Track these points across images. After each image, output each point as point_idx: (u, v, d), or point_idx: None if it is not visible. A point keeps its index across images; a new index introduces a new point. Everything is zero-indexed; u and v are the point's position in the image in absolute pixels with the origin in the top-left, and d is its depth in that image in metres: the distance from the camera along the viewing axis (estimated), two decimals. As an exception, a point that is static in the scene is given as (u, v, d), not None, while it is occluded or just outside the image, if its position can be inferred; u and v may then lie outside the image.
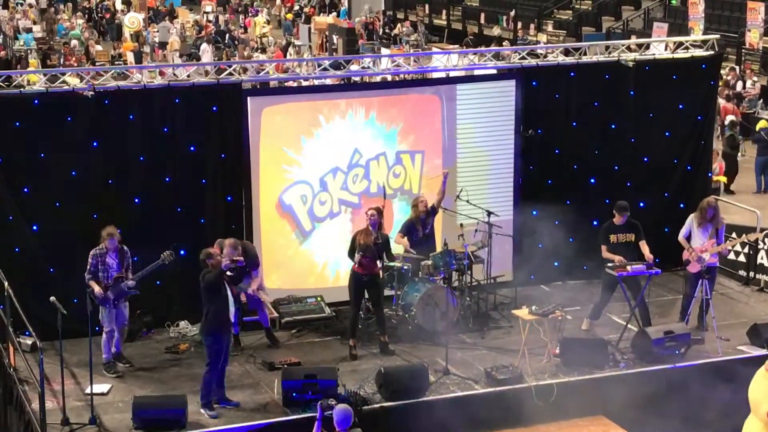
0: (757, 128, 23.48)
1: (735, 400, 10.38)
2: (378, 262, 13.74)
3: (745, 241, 15.62)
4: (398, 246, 14.51)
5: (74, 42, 36.44)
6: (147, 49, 37.30)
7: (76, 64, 32.22)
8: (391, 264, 14.26)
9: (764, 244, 16.30)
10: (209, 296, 12.09)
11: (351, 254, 13.71)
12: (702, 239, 14.19)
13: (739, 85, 28.73)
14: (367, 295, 13.92)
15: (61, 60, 33.93)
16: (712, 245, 14.14)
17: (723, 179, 21.37)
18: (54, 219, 13.78)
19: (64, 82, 14.49)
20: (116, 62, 34.12)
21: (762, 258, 16.37)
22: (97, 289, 12.77)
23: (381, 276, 13.94)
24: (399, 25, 41.62)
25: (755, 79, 28.93)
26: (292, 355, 13.54)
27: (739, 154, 23.98)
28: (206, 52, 34.20)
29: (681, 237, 14.38)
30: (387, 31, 41.86)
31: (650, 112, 16.29)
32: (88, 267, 12.85)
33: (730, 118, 24.64)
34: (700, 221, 14.23)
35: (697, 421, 12.46)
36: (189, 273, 13.98)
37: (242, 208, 14.58)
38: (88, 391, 12.18)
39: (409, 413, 12.29)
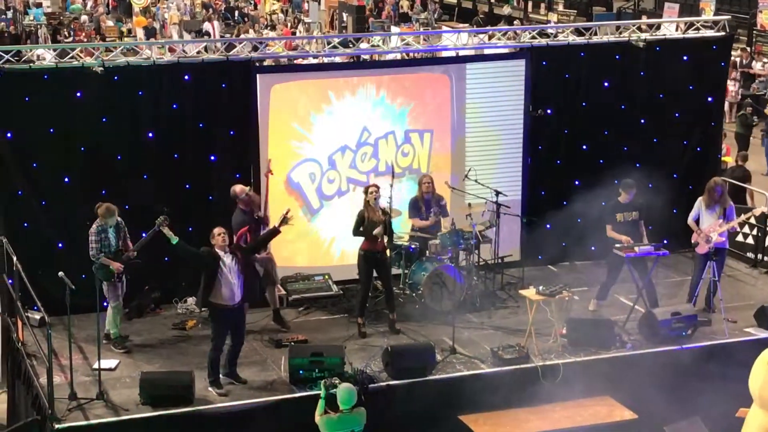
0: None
1: (741, 382, 10.38)
2: (384, 237, 13.71)
3: (749, 218, 15.47)
4: (407, 225, 14.62)
5: (84, 17, 36.39)
6: (157, 25, 37.22)
7: (86, 40, 32.18)
8: (399, 243, 14.32)
9: (772, 226, 16.26)
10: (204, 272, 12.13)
11: (357, 231, 13.71)
12: (711, 220, 14.16)
13: (754, 65, 28.59)
14: (376, 274, 13.92)
15: (72, 35, 33.93)
16: (719, 225, 14.12)
17: (729, 159, 21.29)
18: (63, 194, 13.81)
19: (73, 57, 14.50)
20: (126, 38, 34.10)
21: (770, 240, 16.35)
22: (116, 265, 12.80)
23: (388, 253, 13.92)
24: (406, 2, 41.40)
25: (765, 60, 28.80)
26: (299, 333, 13.57)
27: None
28: (209, 30, 33.99)
29: (690, 220, 14.35)
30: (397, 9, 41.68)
31: (660, 93, 16.24)
32: (95, 245, 12.79)
33: None
34: (708, 202, 14.20)
35: (702, 403, 12.47)
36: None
37: (251, 185, 14.58)
38: (95, 366, 12.23)
39: (416, 392, 12.34)
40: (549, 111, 15.61)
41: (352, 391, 10.78)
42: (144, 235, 13.14)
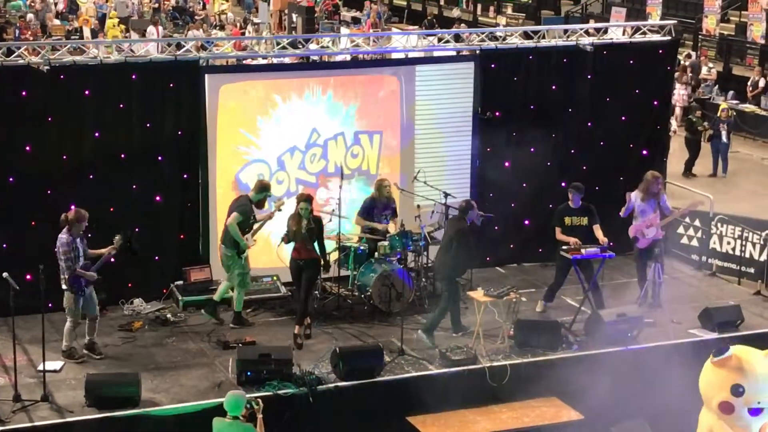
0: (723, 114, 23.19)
1: (686, 382, 10.50)
2: (309, 247, 13.51)
3: (690, 210, 15.63)
4: (357, 227, 14.65)
5: (30, 16, 35.95)
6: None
7: (31, 38, 31.81)
8: (348, 245, 14.33)
9: (716, 229, 16.47)
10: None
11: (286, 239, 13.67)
12: (647, 213, 14.34)
13: (702, 71, 28.82)
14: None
15: (17, 33, 33.50)
16: (656, 219, 14.32)
17: None
18: (8, 194, 13.63)
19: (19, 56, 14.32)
20: (72, 37, 33.72)
21: (714, 243, 16.54)
22: (90, 274, 12.59)
23: (319, 261, 13.64)
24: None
25: (711, 65, 29.14)
26: (247, 334, 13.52)
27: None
28: (152, 35, 33.45)
29: (624, 215, 14.52)
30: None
31: (607, 97, 16.38)
32: (68, 256, 12.39)
33: None
34: (645, 195, 14.36)
35: (648, 403, 12.59)
36: (144, 250, 13.94)
37: (198, 185, 14.51)
38: (40, 368, 12.11)
39: (364, 393, 12.34)
40: (497, 113, 15.68)
41: (240, 399, 10.52)
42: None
